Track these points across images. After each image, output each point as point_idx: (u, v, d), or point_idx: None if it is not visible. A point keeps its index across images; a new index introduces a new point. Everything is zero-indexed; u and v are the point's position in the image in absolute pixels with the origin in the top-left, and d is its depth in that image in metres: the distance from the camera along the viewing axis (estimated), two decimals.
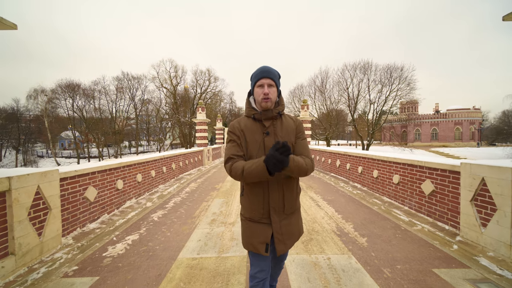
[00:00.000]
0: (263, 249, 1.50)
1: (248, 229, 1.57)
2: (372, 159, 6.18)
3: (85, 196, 3.93)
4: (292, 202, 1.57)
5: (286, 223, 1.54)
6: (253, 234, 1.54)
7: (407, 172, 4.73)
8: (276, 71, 1.57)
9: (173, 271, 2.64)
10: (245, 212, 1.60)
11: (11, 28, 2.69)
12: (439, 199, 3.89)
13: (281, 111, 1.58)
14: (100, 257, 2.97)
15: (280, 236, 1.51)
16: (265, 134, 1.53)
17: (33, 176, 2.87)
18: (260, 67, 1.56)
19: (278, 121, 1.57)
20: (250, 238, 1.55)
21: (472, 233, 3.15)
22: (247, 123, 1.58)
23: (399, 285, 2.34)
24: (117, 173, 4.95)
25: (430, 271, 2.56)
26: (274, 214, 1.51)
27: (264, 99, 1.50)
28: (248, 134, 1.54)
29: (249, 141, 1.53)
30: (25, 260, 2.71)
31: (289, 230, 1.55)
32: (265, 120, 1.55)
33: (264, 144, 1.51)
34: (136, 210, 4.89)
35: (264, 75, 1.51)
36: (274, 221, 1.50)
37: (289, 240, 1.55)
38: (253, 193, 1.52)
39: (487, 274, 2.49)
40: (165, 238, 3.50)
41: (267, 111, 1.53)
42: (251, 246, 1.53)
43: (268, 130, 1.53)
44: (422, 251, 3.01)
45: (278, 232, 1.51)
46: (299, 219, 1.66)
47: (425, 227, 3.77)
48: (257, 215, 1.53)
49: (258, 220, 1.53)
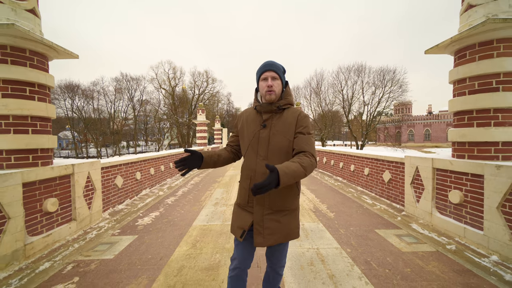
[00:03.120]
0: (238, 234, 1.53)
1: (235, 213, 1.64)
2: (350, 156, 7.27)
3: (115, 183, 4.95)
4: (280, 199, 1.50)
5: (271, 218, 1.48)
6: (236, 218, 1.60)
7: (374, 165, 5.82)
8: (280, 64, 1.58)
9: (190, 231, 3.68)
10: (237, 198, 1.67)
11: (74, 57, 3.69)
12: (394, 185, 4.98)
13: (283, 105, 1.55)
14: (134, 225, 3.99)
15: (260, 228, 1.48)
16: (261, 126, 1.54)
17: (86, 164, 3.89)
18: (264, 62, 1.57)
19: (277, 115, 1.56)
20: (233, 221, 1.62)
21: (411, 208, 4.23)
22: (250, 113, 1.64)
23: (348, 238, 3.40)
24: (136, 166, 5.96)
25: (372, 231, 3.63)
26: (257, 205, 1.50)
27: (268, 91, 1.51)
28: (246, 125, 1.61)
29: (246, 131, 1.60)
30: (81, 225, 3.73)
31: (274, 226, 1.48)
32: (264, 113, 1.56)
33: (259, 136, 1.53)
34: (152, 197, 5.91)
35: (267, 68, 1.53)
36: (256, 211, 1.50)
37: (270, 235, 1.47)
38: (243, 180, 1.60)
39: (411, 232, 3.56)
40: (180, 214, 4.54)
41: (266, 104, 1.55)
42: (232, 229, 1.61)
43: (265, 123, 1.54)
44: (373, 220, 4.08)
45: (258, 223, 1.48)
46: (293, 222, 1.55)
47: (382, 206, 4.85)
48: (243, 202, 1.57)
49: (243, 207, 1.58)
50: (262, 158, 1.50)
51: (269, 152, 1.49)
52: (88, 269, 2.66)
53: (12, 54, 2.89)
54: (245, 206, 1.55)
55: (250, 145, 1.55)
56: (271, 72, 1.52)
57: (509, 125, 2.99)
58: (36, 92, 3.09)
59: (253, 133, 1.56)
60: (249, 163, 1.54)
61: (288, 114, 1.55)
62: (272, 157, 1.49)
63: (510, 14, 2.91)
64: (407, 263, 2.69)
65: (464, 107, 3.25)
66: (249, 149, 1.56)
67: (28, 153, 3.02)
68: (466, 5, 3.22)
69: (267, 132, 1.52)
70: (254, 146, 1.53)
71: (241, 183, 1.62)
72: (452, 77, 3.44)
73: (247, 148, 1.57)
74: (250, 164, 1.54)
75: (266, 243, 1.47)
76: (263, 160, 1.49)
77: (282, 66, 1.58)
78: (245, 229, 1.51)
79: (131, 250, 3.10)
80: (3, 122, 2.86)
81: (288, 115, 1.54)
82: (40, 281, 2.44)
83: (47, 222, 3.16)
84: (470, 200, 3.13)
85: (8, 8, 2.85)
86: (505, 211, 2.69)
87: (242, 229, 1.52)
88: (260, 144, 1.52)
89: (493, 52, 2.99)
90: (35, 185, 3.01)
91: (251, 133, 1.56)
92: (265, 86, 1.52)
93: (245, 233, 1.52)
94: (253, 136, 1.55)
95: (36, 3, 3.16)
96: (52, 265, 2.75)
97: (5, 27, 2.62)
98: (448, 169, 3.47)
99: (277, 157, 1.48)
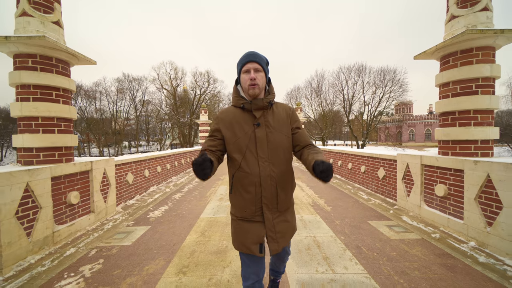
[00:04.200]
0: (257, 250, 1.41)
1: (240, 229, 1.47)
2: (348, 154, 7.59)
3: (126, 180, 5.29)
4: (286, 199, 1.47)
5: (280, 221, 1.45)
6: (246, 235, 1.44)
7: (370, 163, 6.14)
8: (263, 56, 1.46)
9: (198, 223, 4.01)
10: (236, 211, 1.48)
11: (92, 63, 4.02)
12: (387, 181, 5.30)
13: (272, 100, 1.46)
14: (146, 218, 4.33)
15: (274, 235, 1.42)
16: (255, 126, 1.41)
17: (102, 162, 4.23)
18: (246, 52, 1.44)
19: (269, 111, 1.46)
20: (242, 238, 1.45)
21: (402, 202, 4.55)
22: (235, 113, 1.46)
23: (343, 228, 3.72)
24: (145, 164, 6.31)
25: (365, 222, 3.96)
26: (268, 211, 1.41)
27: (251, 85, 1.38)
28: (236, 126, 1.43)
29: (238, 133, 1.42)
30: (98, 217, 4.07)
31: (283, 228, 1.46)
32: (255, 111, 1.43)
33: (255, 135, 1.41)
34: (160, 193, 6.25)
35: (249, 59, 1.39)
36: (267, 218, 1.41)
37: (283, 238, 1.45)
38: (244, 190, 1.41)
39: (401, 223, 3.89)
40: (188, 208, 4.88)
41: (257, 100, 1.42)
42: (244, 247, 1.44)
43: (259, 121, 1.42)
44: (366, 213, 4.40)
45: (271, 230, 1.42)
46: (293, 216, 1.57)
47: (377, 201, 5.17)
48: (249, 213, 1.42)
49: (250, 219, 1.44)
50: (264, 160, 1.39)
51: (270, 151, 1.40)
52: (110, 253, 3.00)
53: (41, 62, 3.23)
54: (253, 217, 1.43)
55: (247, 151, 1.40)
56: (253, 64, 1.39)
57: (487, 125, 3.31)
58: (61, 96, 3.44)
59: (247, 135, 1.41)
60: (251, 169, 1.39)
61: (278, 109, 1.50)
62: (274, 157, 1.41)
63: (488, 25, 3.23)
64: (394, 248, 3.02)
65: (448, 109, 3.57)
66: (247, 155, 1.40)
67: (54, 150, 3.36)
68: (450, 15, 3.54)
69: (263, 130, 1.41)
70: (252, 148, 1.40)
71: (240, 195, 1.43)
72: (438, 81, 3.76)
73: (245, 153, 1.40)
74: (252, 169, 1.39)
75: (280, 247, 1.44)
76: (265, 162, 1.39)
77: (265, 57, 1.46)
78: (262, 242, 1.42)
79: (146, 238, 3.44)
80: (34, 123, 3.20)
81: (279, 110, 1.50)
82: (69, 262, 2.79)
83: (70, 213, 3.51)
84: (453, 193, 3.46)
85: (37, 21, 3.20)
86: (481, 201, 3.02)
87: (258, 243, 1.41)
88: (259, 145, 1.40)
89: (472, 59, 3.31)
90: (60, 179, 3.36)
91: (245, 135, 1.41)
92: (247, 79, 1.39)
93: (263, 245, 1.43)
94: (249, 138, 1.41)
95: (60, 16, 3.51)
96: (77, 250, 3.10)
97: (37, 39, 2.97)
98: (434, 165, 3.79)
99: (278, 156, 1.43)
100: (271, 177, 1.40)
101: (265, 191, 1.39)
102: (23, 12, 3.15)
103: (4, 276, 2.49)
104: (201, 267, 2.63)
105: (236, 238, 1.48)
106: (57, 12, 3.42)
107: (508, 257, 2.66)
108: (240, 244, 1.45)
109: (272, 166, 1.40)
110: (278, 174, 1.41)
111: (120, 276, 2.49)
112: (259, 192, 1.39)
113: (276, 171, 1.41)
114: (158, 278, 2.44)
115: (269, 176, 1.39)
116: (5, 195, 2.55)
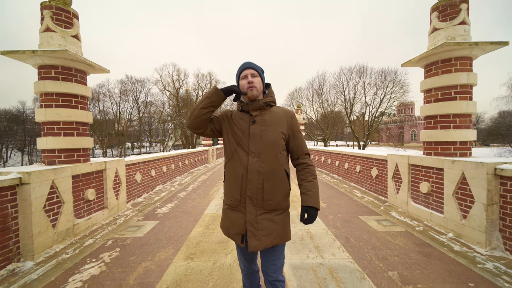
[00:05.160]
0: (239, 239, 1.48)
1: (226, 216, 1.56)
2: (345, 155, 7.92)
3: (135, 179, 5.67)
4: (275, 198, 1.47)
5: (264, 218, 1.46)
6: (231, 223, 1.52)
7: (364, 163, 6.47)
8: (258, 65, 1.60)
9: (203, 217, 4.37)
10: (226, 199, 1.57)
11: (106, 72, 4.39)
12: (380, 180, 5.63)
13: (269, 102, 1.57)
14: (154, 214, 4.70)
15: (254, 230, 1.44)
16: (251, 122, 1.51)
17: (114, 162, 4.60)
18: (242, 63, 1.60)
19: (266, 111, 1.56)
20: (228, 225, 1.54)
21: (392, 199, 4.88)
22: (236, 113, 1.62)
23: (335, 222, 4.06)
24: (151, 164, 6.69)
25: (356, 217, 4.30)
26: (251, 205, 1.45)
27: (250, 87, 1.51)
28: (235, 121, 1.57)
29: (235, 126, 1.56)
30: (111, 213, 4.44)
31: (268, 227, 1.45)
32: (252, 111, 1.54)
33: (249, 131, 1.50)
34: (165, 192, 6.62)
35: (246, 66, 1.55)
36: (249, 211, 1.45)
37: (266, 237, 1.44)
38: (232, 178, 1.51)
39: (389, 218, 4.22)
40: (193, 205, 5.24)
41: (254, 102, 1.54)
42: (228, 234, 1.55)
43: (254, 119, 1.52)
44: (358, 209, 4.74)
45: (253, 225, 1.44)
46: (286, 222, 1.54)
47: (370, 199, 5.50)
48: (234, 202, 1.50)
49: (235, 208, 1.51)
50: (254, 155, 1.46)
51: (262, 148, 1.47)
52: (125, 243, 3.36)
53: (63, 72, 3.61)
54: (237, 206, 1.50)
55: (239, 144, 1.51)
56: (250, 70, 1.54)
57: (465, 128, 3.63)
58: (79, 102, 3.81)
59: (242, 131, 1.52)
60: (239, 162, 1.49)
61: (278, 110, 1.58)
62: (265, 153, 1.47)
63: (465, 37, 3.56)
64: (379, 239, 3.35)
65: (430, 113, 3.90)
66: (238, 148, 1.51)
67: (73, 152, 3.74)
68: (432, 28, 3.88)
69: (257, 127, 1.50)
70: (245, 143, 1.49)
71: (229, 183, 1.55)
72: (422, 87, 4.09)
73: (236, 147, 1.51)
74: (241, 162, 1.48)
75: (262, 245, 1.43)
76: (255, 157, 1.46)
77: (260, 67, 1.61)
78: (243, 234, 1.47)
79: (156, 230, 3.80)
80: (56, 127, 3.58)
81: (278, 111, 1.57)
82: (89, 251, 3.15)
83: (87, 208, 3.88)
84: (435, 190, 3.79)
85: (59, 35, 3.58)
86: (457, 197, 3.35)
87: (241, 234, 1.48)
88: (252, 140, 1.48)
89: (451, 68, 3.65)
90: (79, 177, 3.73)
91: (240, 131, 1.52)
92: (245, 83, 1.52)
93: (245, 237, 1.48)
94: (243, 134, 1.51)
95: (78, 30, 3.88)
96: (95, 241, 3.46)
97: (60, 52, 3.34)
98: (419, 165, 4.12)
99: (270, 153, 1.48)
100: (258, 172, 1.45)
101: (250, 185, 1.45)
102: (47, 28, 3.53)
103: (35, 261, 2.86)
104: (206, 254, 2.99)
105: (223, 223, 1.60)
106: (75, 27, 3.80)
107: (479, 246, 2.99)
108: (226, 230, 1.57)
109: (262, 162, 1.46)
110: (267, 170, 1.46)
111: (136, 261, 2.85)
112: (244, 184, 1.46)
113: (265, 167, 1.45)
114: (169, 263, 2.79)
115: (256, 171, 1.45)
116: (36, 190, 2.92)
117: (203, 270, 2.63)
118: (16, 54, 3.34)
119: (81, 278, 2.52)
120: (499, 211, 2.90)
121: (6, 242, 2.68)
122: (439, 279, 2.41)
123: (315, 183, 1.53)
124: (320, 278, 2.44)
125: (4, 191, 2.68)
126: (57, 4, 3.58)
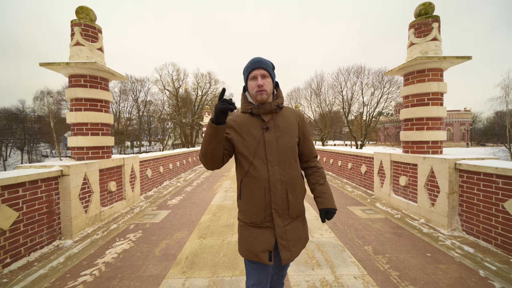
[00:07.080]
0: (266, 257, 1.36)
1: (249, 236, 1.42)
2: (338, 153, 8.53)
3: (146, 174, 6.25)
4: (297, 204, 1.43)
5: (291, 228, 1.41)
6: (254, 241, 1.38)
7: (355, 160, 7.08)
8: (269, 61, 1.45)
9: (209, 208, 4.96)
10: (244, 217, 1.45)
11: (124, 79, 4.95)
12: (368, 176, 6.23)
13: (280, 104, 1.46)
14: (166, 204, 5.28)
15: (285, 242, 1.38)
16: (264, 129, 1.40)
17: (131, 158, 5.18)
18: (252, 59, 1.44)
19: (278, 115, 1.46)
20: (250, 245, 1.39)
21: (378, 192, 5.49)
22: (243, 119, 1.46)
23: None
24: (160, 161, 7.27)
25: (345, 207, 4.90)
26: (278, 218, 1.37)
27: (259, 91, 1.39)
28: (245, 130, 1.42)
29: (246, 137, 1.41)
30: (128, 204, 5.02)
31: (295, 235, 1.42)
32: (264, 115, 1.43)
33: (264, 139, 1.39)
34: (172, 187, 7.21)
35: (256, 65, 1.40)
36: (277, 225, 1.37)
37: (295, 246, 1.40)
38: (252, 195, 1.39)
39: (373, 208, 4.82)
40: (199, 198, 5.83)
41: (265, 104, 1.42)
42: (252, 254, 1.38)
43: (267, 125, 1.41)
44: (347, 201, 5.34)
45: (282, 237, 1.37)
46: (305, 223, 1.52)
47: (359, 193, 6.11)
48: (259, 219, 1.38)
49: (260, 225, 1.39)
50: (274, 164, 1.38)
51: (280, 155, 1.39)
52: (145, 227, 3.95)
53: (90, 80, 4.18)
54: (262, 223, 1.39)
55: (255, 156, 1.38)
56: (260, 70, 1.40)
57: (436, 129, 4.24)
58: (103, 106, 4.38)
59: (256, 139, 1.40)
60: (259, 173, 1.37)
61: (288, 112, 1.50)
62: (284, 161, 1.40)
63: (436, 52, 4.16)
64: (361, 223, 3.96)
65: (408, 116, 4.50)
66: (254, 160, 1.39)
67: (99, 149, 4.31)
68: (410, 42, 4.47)
69: (272, 133, 1.40)
70: (261, 152, 1.38)
71: (249, 200, 1.41)
72: (402, 93, 4.69)
73: (252, 160, 1.39)
74: (261, 174, 1.37)
75: (293, 256, 1.39)
76: (275, 166, 1.38)
77: (271, 62, 1.47)
78: (271, 250, 1.37)
79: (170, 218, 4.39)
80: (84, 128, 4.15)
81: (288, 113, 1.49)
82: (116, 233, 3.74)
83: (110, 198, 4.46)
84: (411, 183, 4.39)
85: (87, 49, 4.14)
86: (428, 188, 3.96)
87: (268, 251, 1.36)
88: (268, 149, 1.39)
89: (425, 78, 4.24)
90: (104, 171, 4.31)
91: (254, 139, 1.40)
92: (255, 85, 1.39)
93: (271, 253, 1.37)
94: (258, 142, 1.39)
95: (102, 43, 4.45)
96: (119, 225, 4.05)
97: (90, 64, 3.91)
98: (399, 161, 4.73)
99: (288, 160, 1.42)
100: (281, 181, 1.37)
101: (274, 197, 1.36)
102: (77, 42, 4.09)
103: (73, 239, 3.44)
104: (216, 235, 3.58)
105: (244, 244, 1.42)
106: (100, 41, 4.37)
107: (442, 228, 3.60)
108: (248, 251, 1.40)
109: (282, 170, 1.39)
110: (288, 178, 1.40)
111: (157, 240, 3.43)
112: (268, 197, 1.36)
113: (287, 176, 1.39)
114: (185, 241, 3.38)
115: (279, 181, 1.37)
116: (73, 181, 3.50)
117: (214, 245, 3.22)
118: (52, 66, 3.90)
119: (115, 251, 3.11)
120: (458, 198, 3.51)
121: (52, 223, 3.26)
122: (404, 251, 3.01)
123: (326, 185, 1.52)
124: (309, 250, 3.05)
125: (50, 181, 3.26)
126: (85, 21, 4.14)
